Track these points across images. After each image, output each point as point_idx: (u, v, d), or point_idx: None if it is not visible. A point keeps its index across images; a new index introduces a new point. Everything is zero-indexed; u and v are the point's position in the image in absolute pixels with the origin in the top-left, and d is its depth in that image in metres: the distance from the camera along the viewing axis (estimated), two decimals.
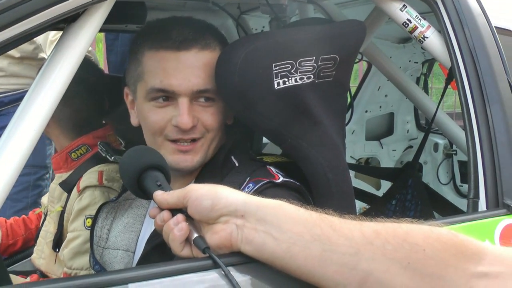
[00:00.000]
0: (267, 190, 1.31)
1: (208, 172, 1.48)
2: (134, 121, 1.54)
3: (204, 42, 1.42)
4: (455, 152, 3.34)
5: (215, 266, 1.00)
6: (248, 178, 1.36)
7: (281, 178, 1.35)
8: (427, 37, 1.65)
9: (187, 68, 1.40)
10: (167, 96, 1.41)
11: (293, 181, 1.38)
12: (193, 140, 1.42)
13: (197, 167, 1.46)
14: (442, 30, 1.62)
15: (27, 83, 3.26)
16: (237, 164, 1.46)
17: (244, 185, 1.35)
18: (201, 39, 1.43)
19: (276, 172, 1.39)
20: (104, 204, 1.67)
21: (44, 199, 2.28)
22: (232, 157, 1.49)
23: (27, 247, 2.33)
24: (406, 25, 1.66)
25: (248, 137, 1.62)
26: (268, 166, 1.41)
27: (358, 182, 3.22)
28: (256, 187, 1.31)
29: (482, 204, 1.44)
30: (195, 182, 1.47)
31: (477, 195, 1.45)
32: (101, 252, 1.59)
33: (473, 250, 0.95)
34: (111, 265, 1.56)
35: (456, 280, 0.93)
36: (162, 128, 1.42)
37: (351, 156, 3.31)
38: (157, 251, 1.37)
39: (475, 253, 0.95)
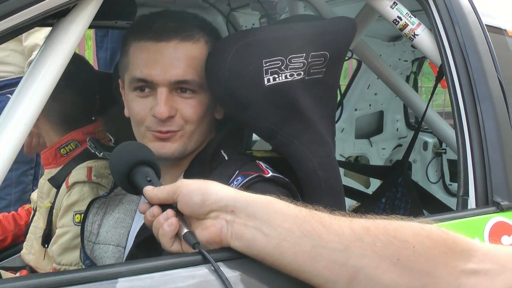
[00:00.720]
0: (256, 184, 1.31)
1: (197, 164, 1.48)
2: (125, 112, 1.54)
3: (185, 34, 1.43)
4: (444, 150, 3.36)
5: (204, 261, 1.00)
6: (237, 171, 1.37)
7: (270, 173, 1.36)
8: (417, 35, 1.66)
9: (166, 58, 1.41)
10: (147, 86, 1.42)
11: (282, 176, 1.38)
12: (170, 132, 1.43)
13: (176, 155, 1.45)
14: (432, 28, 1.63)
15: (11, 70, 3.23)
16: (226, 158, 1.47)
17: (233, 178, 1.35)
18: (183, 31, 1.43)
19: (266, 167, 1.39)
20: (95, 200, 1.67)
21: (34, 195, 2.27)
22: (222, 151, 1.49)
23: (16, 243, 2.32)
24: (397, 23, 1.67)
25: (239, 132, 1.62)
26: (257, 161, 1.42)
27: (348, 180, 3.22)
28: (245, 180, 1.32)
29: (471, 202, 1.45)
30: (184, 174, 1.48)
31: (466, 193, 1.46)
32: (91, 247, 1.59)
33: (462, 247, 0.96)
34: (102, 260, 1.56)
35: (446, 277, 0.93)
36: (143, 117, 1.43)
37: (340, 154, 3.31)
38: (146, 245, 1.37)
39: (465, 250, 0.95)
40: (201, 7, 2.28)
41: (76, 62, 1.95)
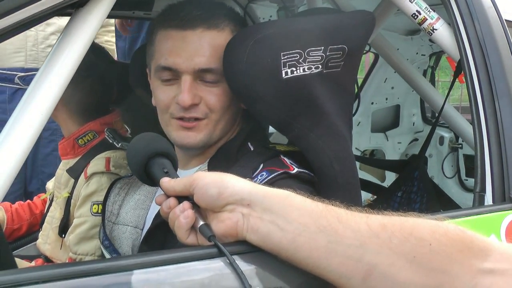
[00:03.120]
0: (282, 181, 1.31)
1: (223, 154, 1.49)
2: (153, 100, 1.55)
3: (211, 22, 1.43)
4: (460, 145, 3.33)
5: (220, 254, 1.00)
6: (262, 165, 1.37)
7: (296, 169, 1.36)
8: (436, 29, 1.64)
9: (191, 46, 1.41)
10: (172, 74, 1.43)
11: (307, 172, 1.38)
12: (196, 119, 1.43)
13: (201, 145, 1.46)
14: (451, 23, 1.61)
15: None
16: (252, 149, 1.47)
17: (258, 171, 1.36)
18: (208, 19, 1.44)
19: (291, 163, 1.39)
20: (117, 180, 1.67)
21: (49, 184, 2.29)
22: (249, 143, 1.50)
23: (31, 232, 2.33)
24: (415, 17, 1.65)
25: (266, 125, 1.62)
26: (282, 156, 1.41)
27: (363, 174, 3.21)
28: (271, 176, 1.32)
29: (488, 198, 1.44)
30: (209, 162, 1.49)
31: (483, 189, 1.45)
32: (111, 227, 1.61)
33: (479, 246, 0.95)
34: (120, 241, 1.58)
35: (462, 276, 0.92)
36: (167, 105, 1.44)
37: (356, 148, 3.30)
38: (163, 228, 1.36)
39: (482, 249, 0.94)
40: None
41: (96, 51, 1.96)
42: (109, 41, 3.42)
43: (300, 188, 1.08)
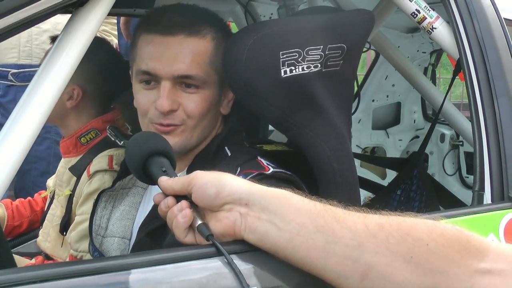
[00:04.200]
0: (258, 182, 1.30)
1: (200, 160, 1.49)
2: (134, 102, 1.55)
3: (192, 29, 1.44)
4: (461, 143, 3.33)
5: (218, 253, 1.01)
6: (239, 169, 1.36)
7: (271, 169, 1.35)
8: (435, 28, 1.64)
9: (172, 53, 1.42)
10: (152, 79, 1.44)
11: (283, 171, 1.37)
12: (172, 125, 1.44)
13: (178, 151, 1.44)
14: (450, 21, 1.61)
15: None
16: (229, 154, 1.47)
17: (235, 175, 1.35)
18: (190, 26, 1.44)
19: (267, 164, 1.38)
20: (102, 193, 1.68)
21: (50, 182, 2.29)
22: (226, 148, 1.49)
23: (32, 229, 2.34)
24: (415, 16, 1.65)
25: (246, 127, 1.62)
26: (259, 158, 1.41)
27: (364, 171, 3.22)
28: (246, 179, 1.31)
29: (487, 197, 1.44)
30: (187, 169, 1.49)
31: (482, 188, 1.45)
32: (100, 240, 1.61)
33: (476, 246, 0.95)
34: (109, 253, 1.58)
35: (459, 276, 0.92)
36: (146, 110, 1.45)
37: (357, 145, 3.30)
38: (150, 238, 1.38)
39: (479, 249, 0.94)
40: None
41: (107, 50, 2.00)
42: (106, 31, 3.40)
43: (278, 187, 1.08)
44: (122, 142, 1.70)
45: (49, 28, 3.25)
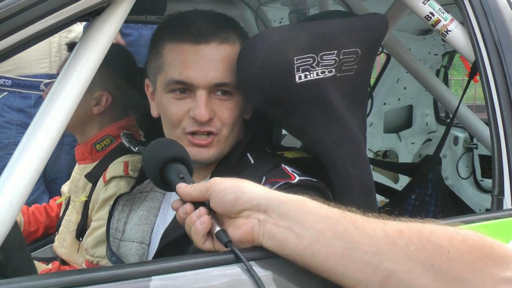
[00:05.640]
0: (284, 191, 1.30)
1: (223, 168, 1.48)
2: (154, 112, 1.55)
3: (223, 36, 1.43)
4: (475, 146, 3.31)
5: (237, 260, 1.01)
6: (264, 178, 1.36)
7: (297, 178, 1.35)
8: (450, 31, 1.63)
9: (206, 61, 1.41)
10: (186, 88, 1.43)
11: (309, 178, 1.37)
12: (209, 134, 1.43)
13: (213, 160, 1.47)
14: (465, 23, 1.59)
15: None
16: (252, 162, 1.47)
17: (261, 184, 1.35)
18: (221, 33, 1.44)
19: (292, 171, 1.38)
20: (119, 197, 1.68)
21: (64, 188, 2.31)
22: (248, 154, 1.49)
23: (48, 234, 2.36)
24: (429, 18, 1.64)
25: (265, 132, 1.62)
26: (283, 165, 1.41)
27: (376, 175, 3.20)
28: (273, 188, 1.31)
29: (507, 202, 1.42)
30: (210, 177, 1.48)
31: (501, 192, 1.43)
32: (117, 244, 1.61)
33: (500, 254, 0.93)
34: (127, 257, 1.58)
35: (482, 284, 0.90)
36: (179, 120, 1.43)
37: (369, 149, 3.30)
38: (171, 247, 1.38)
39: (503, 257, 0.93)
40: (230, 2, 2.28)
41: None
42: None
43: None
44: (136, 148, 1.71)
45: (76, 36, 3.29)
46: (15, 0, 1.04)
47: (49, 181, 3.31)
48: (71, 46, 2.08)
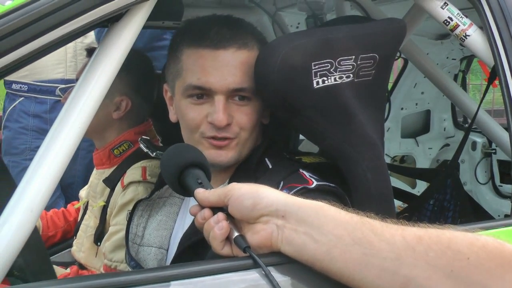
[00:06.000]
0: (301, 196, 1.30)
1: (241, 173, 1.49)
2: (172, 117, 1.56)
3: (242, 41, 1.44)
4: (494, 151, 3.29)
5: (255, 265, 1.01)
6: (282, 183, 1.37)
7: (315, 183, 1.35)
8: (469, 35, 1.62)
9: (225, 66, 1.42)
10: (204, 94, 1.43)
11: (327, 184, 1.37)
12: (227, 138, 1.44)
13: (231, 164, 1.47)
14: (484, 27, 1.58)
15: None
16: (270, 166, 1.47)
17: (279, 189, 1.34)
18: (239, 38, 1.44)
19: (310, 176, 1.38)
20: (138, 202, 1.69)
21: (82, 193, 2.32)
22: (266, 159, 1.49)
23: (66, 239, 2.38)
24: (447, 23, 1.64)
25: (283, 137, 1.62)
26: (301, 170, 1.41)
27: (393, 180, 3.18)
28: (290, 193, 1.31)
29: None
30: (229, 182, 1.49)
31: None
32: (136, 249, 1.62)
33: None
34: (146, 262, 1.59)
35: None
36: (198, 124, 1.44)
37: (386, 154, 3.28)
38: (190, 251, 1.39)
39: None
40: (247, 7, 2.29)
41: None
42: None
43: (322, 201, 1.08)
44: (154, 154, 1.71)
45: (92, 42, 3.32)
46: (34, 8, 1.06)
47: (65, 186, 3.33)
48: (90, 51, 2.10)
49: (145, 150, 1.72)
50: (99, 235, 2.02)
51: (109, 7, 1.13)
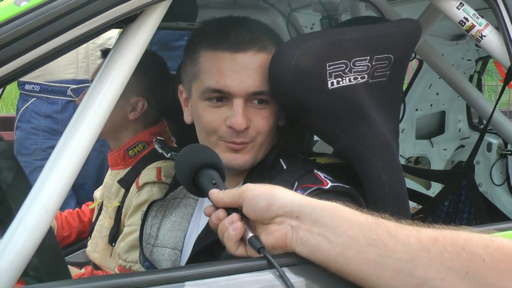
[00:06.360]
0: (316, 197, 1.30)
1: (256, 174, 1.48)
2: (187, 118, 1.56)
3: (260, 44, 1.43)
4: (510, 152, 3.26)
5: (269, 266, 1.01)
6: (296, 183, 1.36)
7: (330, 184, 1.34)
8: (485, 36, 1.61)
9: (243, 69, 1.41)
10: (222, 97, 1.43)
11: (342, 185, 1.37)
12: (243, 142, 1.43)
13: (247, 167, 1.47)
14: (500, 27, 1.57)
15: None
16: (285, 167, 1.47)
17: (293, 190, 1.34)
18: (258, 41, 1.43)
19: (324, 177, 1.37)
20: (153, 203, 1.70)
21: (97, 194, 2.33)
22: (281, 160, 1.49)
23: (80, 239, 2.39)
24: (463, 24, 1.62)
25: (298, 138, 1.61)
26: (316, 171, 1.40)
27: (407, 181, 3.16)
28: (305, 194, 1.31)
29: None
30: (243, 183, 1.49)
31: None
32: (150, 249, 1.62)
33: None
34: (160, 263, 1.59)
35: None
36: (216, 128, 1.44)
37: (400, 155, 3.27)
38: (204, 253, 1.39)
39: None
40: (261, 8, 2.29)
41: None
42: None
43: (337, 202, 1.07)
44: (169, 155, 1.72)
45: (103, 42, 3.34)
46: (50, 8, 1.06)
47: (77, 186, 3.35)
48: (105, 52, 2.11)
49: (160, 151, 1.73)
50: (113, 236, 2.03)
51: (125, 8, 1.14)
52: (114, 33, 3.32)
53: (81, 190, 3.38)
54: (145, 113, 2.08)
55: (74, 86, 3.33)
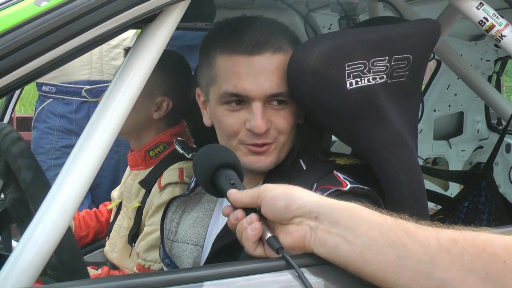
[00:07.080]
0: (334, 198, 1.29)
1: (276, 174, 1.48)
2: (206, 121, 1.56)
3: (277, 45, 1.42)
4: None
5: (288, 267, 1.00)
6: (316, 184, 1.36)
7: (349, 185, 1.34)
8: (505, 36, 1.59)
9: (261, 72, 1.40)
10: (241, 100, 1.42)
11: (361, 186, 1.36)
12: (266, 144, 1.43)
13: (271, 168, 1.46)
14: None
15: None
16: (304, 168, 1.46)
17: (312, 190, 1.33)
18: (274, 42, 1.42)
19: (344, 178, 1.37)
20: (174, 198, 1.70)
21: (114, 194, 2.34)
22: (300, 160, 1.48)
23: (97, 239, 2.40)
24: (483, 24, 1.61)
25: (317, 138, 1.61)
26: (335, 172, 1.40)
27: (425, 182, 3.14)
28: (324, 195, 1.30)
29: None
30: (263, 183, 1.48)
31: None
32: (170, 245, 1.62)
33: None
34: (181, 259, 1.59)
35: None
36: (236, 131, 1.43)
37: (418, 156, 3.24)
38: (224, 252, 1.39)
39: None
40: (279, 8, 2.28)
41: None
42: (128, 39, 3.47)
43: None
44: (190, 155, 1.72)
45: (117, 43, 3.36)
46: (70, 8, 1.07)
47: (93, 186, 3.37)
48: (127, 51, 2.12)
49: (181, 151, 1.73)
50: (133, 236, 2.03)
51: (144, 8, 1.14)
52: (129, 34, 3.35)
53: (97, 189, 3.41)
54: (169, 113, 2.08)
55: (88, 87, 3.36)
